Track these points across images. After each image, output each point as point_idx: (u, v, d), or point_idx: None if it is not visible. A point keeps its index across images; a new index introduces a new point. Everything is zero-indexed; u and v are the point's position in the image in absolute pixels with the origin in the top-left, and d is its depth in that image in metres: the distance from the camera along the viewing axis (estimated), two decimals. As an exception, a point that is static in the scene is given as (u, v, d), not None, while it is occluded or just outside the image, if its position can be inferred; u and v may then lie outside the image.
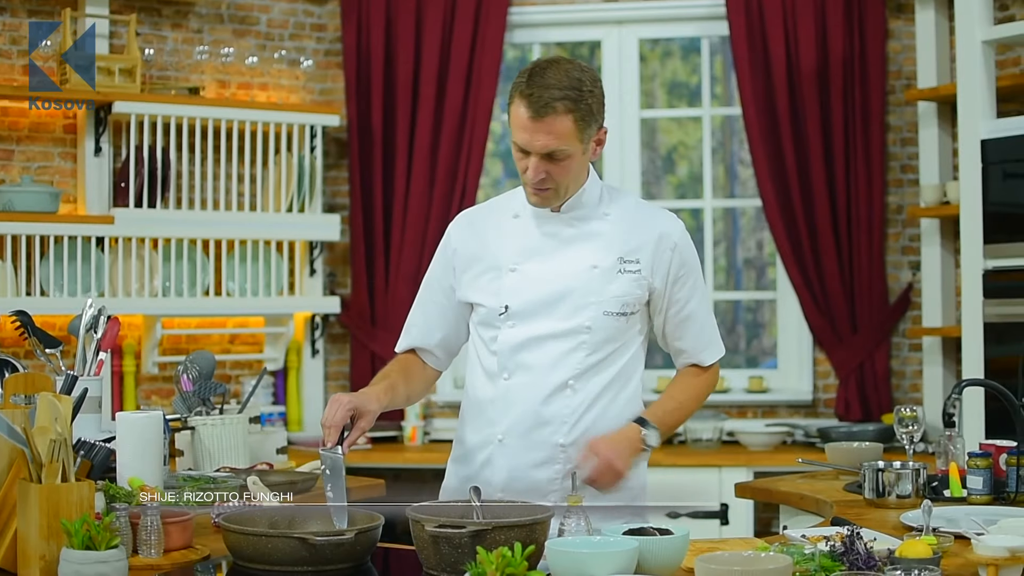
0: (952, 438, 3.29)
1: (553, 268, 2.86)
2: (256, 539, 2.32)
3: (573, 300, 2.83)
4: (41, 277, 4.99)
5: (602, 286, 2.83)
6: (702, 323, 2.95)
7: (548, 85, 2.73)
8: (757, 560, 2.11)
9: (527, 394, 2.83)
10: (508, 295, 2.86)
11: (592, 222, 2.89)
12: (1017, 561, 2.15)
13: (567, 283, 2.84)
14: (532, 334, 2.84)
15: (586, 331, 2.83)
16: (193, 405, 3.54)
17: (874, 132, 5.54)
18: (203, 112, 5.31)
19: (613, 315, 2.84)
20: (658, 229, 2.89)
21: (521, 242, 2.89)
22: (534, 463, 2.83)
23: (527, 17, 5.87)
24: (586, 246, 2.86)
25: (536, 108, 2.72)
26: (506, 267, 2.88)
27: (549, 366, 2.83)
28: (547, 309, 2.84)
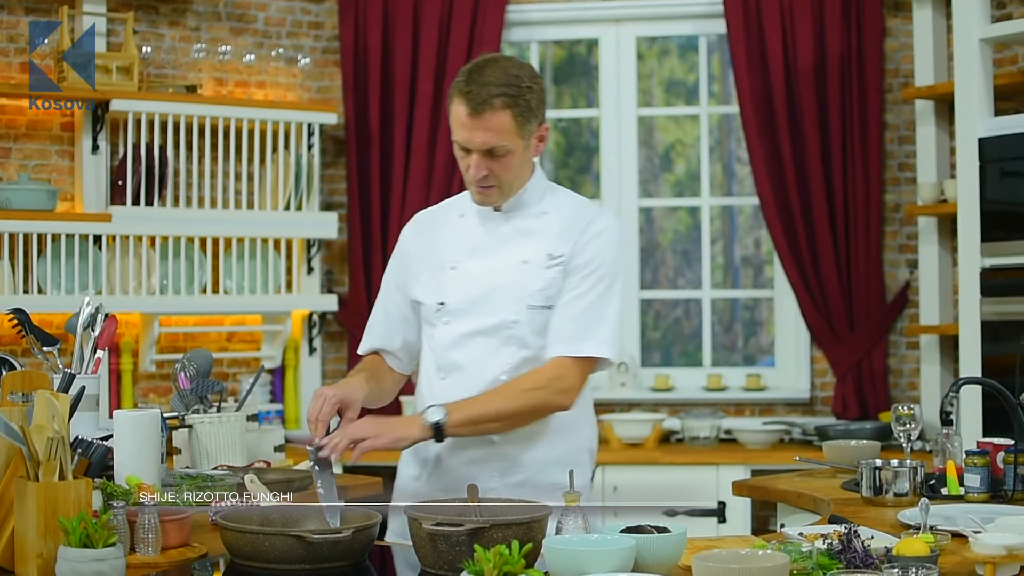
0: (949, 436, 3.29)
1: (488, 265, 2.88)
2: (254, 537, 2.32)
3: (501, 295, 2.85)
4: (38, 275, 4.99)
5: (528, 281, 2.85)
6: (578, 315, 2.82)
7: (486, 83, 2.74)
8: (754, 558, 2.11)
9: (461, 393, 2.83)
10: (445, 291, 2.89)
11: (530, 220, 2.90)
12: (1014, 559, 2.15)
13: (497, 279, 2.86)
14: (463, 331, 2.86)
15: (512, 325, 2.84)
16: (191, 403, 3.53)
17: (872, 130, 5.54)
18: (200, 110, 5.30)
19: (538, 308, 2.84)
20: (584, 223, 2.88)
21: (464, 240, 2.92)
22: (471, 461, 2.85)
23: (524, 15, 5.87)
24: (520, 243, 2.88)
25: (474, 105, 2.73)
26: (447, 265, 2.91)
27: (480, 363, 2.84)
28: (478, 306, 2.86)
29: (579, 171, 6.35)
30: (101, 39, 5.20)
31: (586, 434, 2.99)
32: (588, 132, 6.27)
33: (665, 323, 6.41)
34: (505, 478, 2.85)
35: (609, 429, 5.47)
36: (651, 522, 2.36)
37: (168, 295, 5.23)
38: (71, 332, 3.35)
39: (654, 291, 6.20)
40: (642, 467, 5.27)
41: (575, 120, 6.36)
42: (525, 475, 2.87)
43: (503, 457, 2.86)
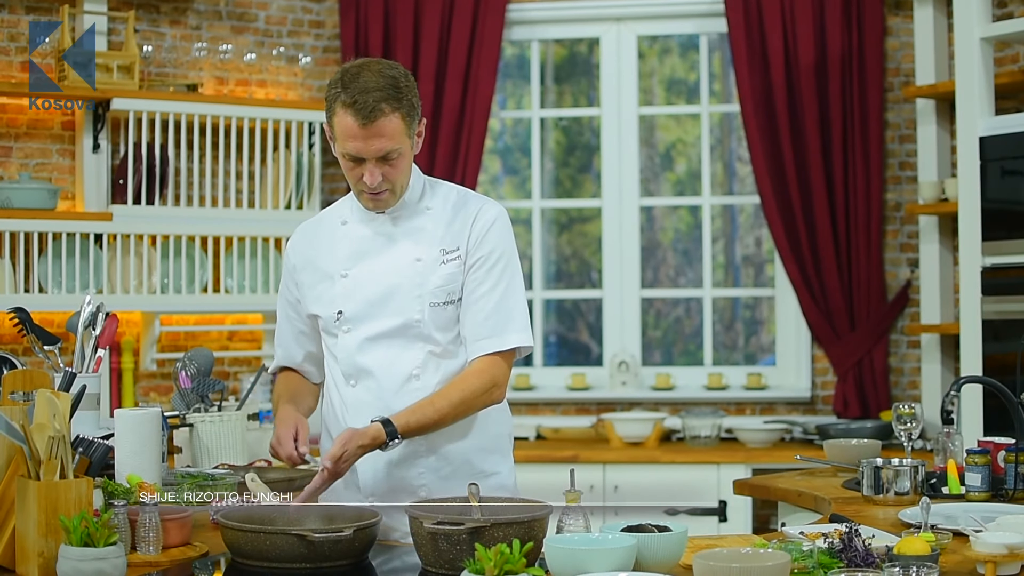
0: (950, 435, 3.30)
1: (380, 268, 2.87)
2: (255, 536, 2.32)
3: (400, 296, 2.84)
4: (39, 274, 4.99)
5: (425, 278, 2.84)
6: (491, 311, 2.84)
7: (367, 89, 2.70)
8: (755, 557, 2.11)
9: (374, 396, 2.84)
10: (341, 300, 2.87)
11: (415, 218, 2.89)
12: (1015, 558, 2.15)
13: (393, 280, 2.85)
14: (367, 335, 2.85)
15: (416, 324, 2.84)
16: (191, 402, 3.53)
17: (872, 129, 5.54)
18: (201, 109, 5.30)
19: (440, 305, 2.84)
20: (473, 213, 2.89)
21: (350, 247, 2.90)
22: (395, 463, 2.84)
23: (525, 14, 5.86)
24: (409, 241, 2.87)
25: (364, 114, 2.69)
26: (338, 274, 2.89)
27: (389, 365, 2.84)
28: (378, 309, 2.85)
29: (580, 170, 6.35)
30: (102, 38, 5.20)
31: (503, 420, 2.99)
32: (589, 131, 6.27)
33: (666, 322, 6.41)
34: (435, 473, 2.85)
35: (610, 428, 5.47)
36: (652, 521, 2.36)
37: (169, 294, 5.23)
38: (72, 331, 3.35)
39: (655, 290, 6.20)
40: (643, 466, 5.26)
41: (576, 119, 6.36)
42: (452, 468, 2.87)
43: (429, 453, 2.86)
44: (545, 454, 5.18)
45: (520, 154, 6.32)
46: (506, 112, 6.23)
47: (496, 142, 6.31)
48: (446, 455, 2.87)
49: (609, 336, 5.91)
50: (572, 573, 2.14)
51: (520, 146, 6.32)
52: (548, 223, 6.24)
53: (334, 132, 2.76)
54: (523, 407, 5.72)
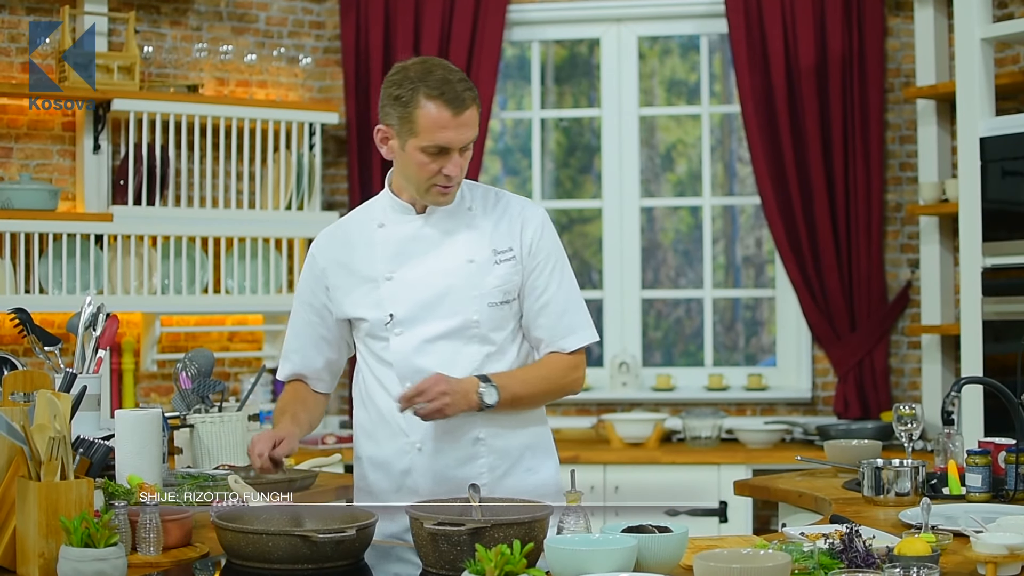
0: (951, 436, 3.30)
1: (429, 269, 2.86)
2: (256, 537, 2.32)
3: (456, 296, 2.85)
4: (40, 275, 4.99)
5: (481, 278, 2.85)
6: (562, 310, 2.91)
7: (449, 80, 2.75)
8: (756, 558, 2.11)
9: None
10: (390, 304, 2.86)
11: (457, 219, 2.90)
12: (1016, 559, 2.15)
13: (447, 281, 2.85)
14: (423, 337, 2.84)
15: (475, 325, 2.85)
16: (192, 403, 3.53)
17: (873, 130, 5.54)
18: (202, 110, 5.31)
19: (497, 304, 2.86)
20: (520, 215, 2.92)
21: (391, 250, 2.89)
22: (457, 462, 2.84)
23: (526, 15, 5.87)
24: (458, 242, 2.88)
25: (456, 103, 2.73)
26: (381, 277, 2.88)
27: (447, 365, 2.83)
28: (431, 310, 2.85)
29: (580, 171, 6.35)
30: (102, 39, 5.20)
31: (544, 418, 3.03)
32: (589, 132, 6.27)
33: (666, 323, 6.41)
34: (492, 472, 2.86)
35: (610, 429, 5.47)
36: (652, 522, 2.36)
37: (169, 295, 5.23)
38: (72, 332, 3.35)
39: (655, 291, 6.20)
40: (643, 467, 5.26)
41: (576, 120, 6.36)
42: (507, 465, 2.88)
43: (489, 452, 2.86)
44: (545, 455, 5.17)
45: (520, 155, 6.33)
46: (506, 113, 6.23)
47: (496, 143, 6.31)
48: (502, 452, 2.88)
49: (609, 337, 5.91)
50: (573, 574, 2.14)
51: (520, 147, 6.32)
52: (548, 224, 6.23)
53: (416, 126, 2.75)
54: (523, 408, 5.71)
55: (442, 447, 2.83)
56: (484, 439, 2.85)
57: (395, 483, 2.87)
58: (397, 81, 2.77)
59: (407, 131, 2.76)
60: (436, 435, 2.82)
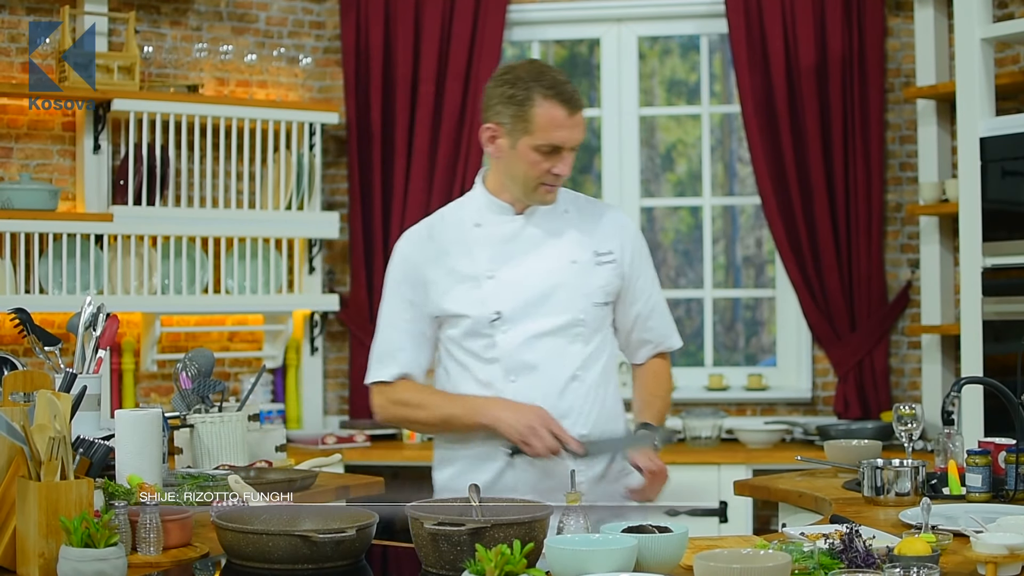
0: (951, 436, 3.30)
1: (532, 268, 2.90)
2: (256, 537, 2.32)
3: (563, 295, 2.90)
4: (40, 275, 4.99)
5: (586, 279, 2.92)
6: (665, 312, 3.09)
7: (562, 81, 2.82)
8: (756, 558, 2.11)
9: (540, 392, 2.86)
10: (494, 301, 2.88)
11: (555, 220, 2.95)
12: (1016, 559, 2.15)
13: (552, 280, 2.90)
14: (530, 334, 2.88)
15: (580, 323, 2.91)
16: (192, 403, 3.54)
17: (873, 130, 5.54)
18: (202, 110, 5.31)
19: (600, 305, 2.94)
20: (619, 222, 3.03)
21: (491, 249, 2.92)
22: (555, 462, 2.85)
23: (526, 15, 5.86)
24: (558, 244, 2.93)
25: (572, 104, 2.80)
26: (483, 275, 2.90)
27: (553, 362, 2.88)
28: (537, 307, 2.88)
29: (580, 171, 6.35)
30: (102, 39, 5.20)
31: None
32: (589, 132, 6.27)
33: (666, 323, 6.40)
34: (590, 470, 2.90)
35: (610, 429, 5.46)
36: (652, 522, 2.36)
37: (169, 295, 5.23)
38: (72, 332, 3.35)
39: (655, 291, 6.19)
40: (643, 467, 5.25)
41: (576, 120, 6.35)
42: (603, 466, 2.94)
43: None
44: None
45: (521, 155, 6.32)
46: (507, 113, 6.22)
47: (497, 143, 6.30)
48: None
49: (610, 337, 5.89)
50: (573, 574, 2.14)
51: (521, 147, 6.31)
52: (549, 224, 6.23)
53: (531, 125, 2.80)
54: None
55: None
56: (587, 435, 2.89)
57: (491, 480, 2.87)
58: (510, 81, 2.82)
59: (520, 129, 2.81)
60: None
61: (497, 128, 2.85)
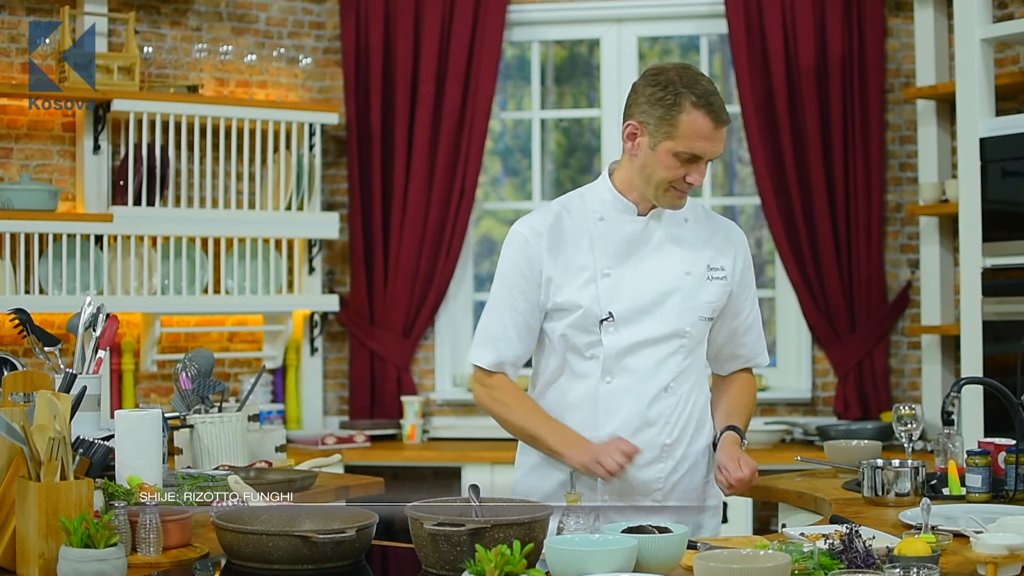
0: (951, 436, 3.30)
1: (648, 273, 2.90)
2: (256, 538, 2.32)
3: (673, 305, 2.90)
4: (40, 275, 4.99)
5: (697, 292, 2.92)
6: (759, 329, 3.11)
7: (712, 92, 2.81)
8: (756, 558, 2.11)
9: (632, 397, 2.87)
10: (608, 301, 2.87)
11: (675, 227, 2.95)
12: (1016, 559, 2.15)
13: (665, 288, 2.90)
14: (636, 339, 2.88)
15: (686, 335, 2.91)
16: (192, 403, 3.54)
17: (873, 130, 5.54)
18: (202, 110, 5.31)
19: (705, 320, 2.95)
20: (733, 237, 3.03)
21: (611, 246, 2.90)
22: (641, 463, 2.87)
23: (526, 15, 5.86)
24: (675, 252, 2.93)
25: (720, 117, 2.81)
26: (599, 272, 2.88)
27: (652, 369, 2.88)
28: (648, 314, 2.89)
29: (580, 171, 6.35)
30: (102, 39, 5.20)
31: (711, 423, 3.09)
32: (589, 132, 6.27)
33: (666, 323, 6.40)
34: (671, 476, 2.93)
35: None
36: (652, 522, 2.36)
37: (169, 295, 5.23)
38: (72, 332, 3.35)
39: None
40: (643, 467, 5.25)
41: (576, 120, 6.36)
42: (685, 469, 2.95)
43: (669, 457, 2.91)
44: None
45: (520, 155, 6.33)
46: (506, 113, 6.23)
47: (496, 143, 6.31)
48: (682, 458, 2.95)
49: (609, 337, 5.90)
50: (573, 574, 2.14)
51: (520, 147, 6.32)
52: (548, 224, 6.23)
53: (676, 130, 2.80)
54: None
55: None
56: (670, 445, 2.91)
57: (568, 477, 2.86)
58: (662, 83, 2.81)
59: (663, 133, 2.81)
60: (627, 433, 2.85)
61: (640, 127, 2.84)
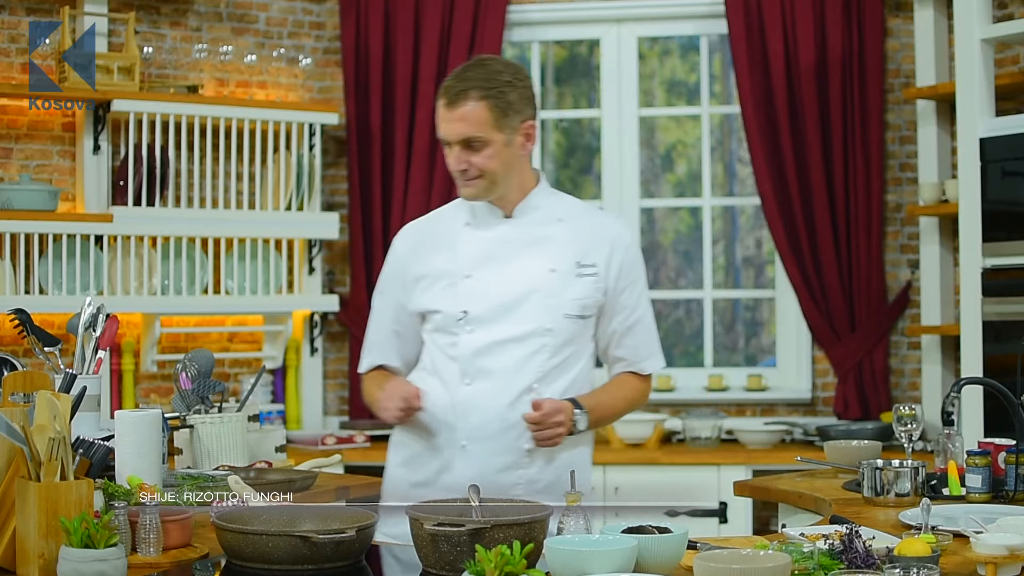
0: (951, 436, 3.29)
1: (510, 273, 2.88)
2: (256, 538, 2.32)
3: (533, 303, 2.86)
4: (40, 275, 4.99)
5: (561, 289, 2.87)
6: (646, 332, 2.99)
7: (465, 78, 2.82)
8: (756, 558, 2.11)
9: (491, 399, 2.84)
10: (465, 301, 2.88)
11: (545, 227, 2.92)
12: (1016, 559, 2.15)
13: (526, 287, 2.87)
14: (493, 339, 2.86)
15: (547, 333, 2.86)
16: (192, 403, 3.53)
17: (873, 130, 5.54)
18: (202, 110, 5.31)
19: (573, 318, 2.88)
20: (611, 234, 2.95)
21: (474, 248, 2.91)
22: (500, 467, 2.85)
23: (526, 15, 5.86)
24: (542, 250, 2.89)
25: (450, 97, 2.81)
26: (461, 274, 2.90)
27: (512, 370, 2.85)
28: (507, 313, 2.86)
29: (580, 171, 6.35)
30: (102, 39, 5.20)
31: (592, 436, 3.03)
32: (589, 132, 6.27)
33: (666, 323, 6.41)
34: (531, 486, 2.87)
35: (610, 429, 5.47)
36: (652, 522, 2.36)
37: (169, 295, 5.23)
38: (72, 332, 3.35)
39: (655, 291, 6.20)
40: (643, 467, 5.26)
41: (576, 120, 6.36)
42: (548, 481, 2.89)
43: (532, 464, 2.88)
44: (545, 455, 5.17)
45: (520, 155, 6.31)
46: (506, 113, 6.21)
47: (496, 143, 6.30)
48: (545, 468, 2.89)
49: (609, 337, 5.90)
50: (573, 574, 2.14)
51: (520, 147, 6.31)
52: (548, 224, 6.23)
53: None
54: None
55: (488, 449, 2.84)
56: (532, 451, 2.86)
57: (432, 476, 2.88)
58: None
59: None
60: (485, 436, 2.84)
61: None
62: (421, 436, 2.92)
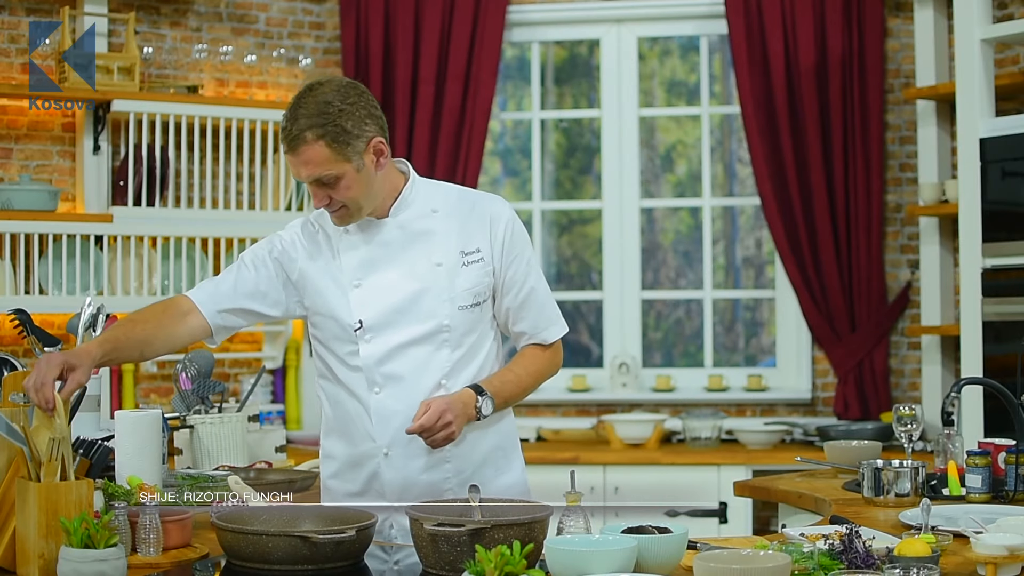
0: (951, 436, 3.30)
1: (397, 275, 2.85)
2: (256, 538, 2.32)
3: (427, 301, 2.84)
4: (40, 276, 4.99)
5: (451, 282, 2.85)
6: (542, 302, 2.95)
7: (297, 117, 2.74)
8: (756, 558, 2.11)
9: (403, 404, 2.81)
10: (359, 310, 2.84)
11: (422, 222, 2.88)
12: (1015, 559, 2.15)
13: (416, 286, 2.84)
14: (393, 344, 2.83)
15: (446, 329, 2.84)
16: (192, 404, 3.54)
17: (873, 131, 5.54)
18: (202, 111, 5.30)
19: (467, 308, 2.86)
20: (487, 213, 2.91)
21: (358, 256, 2.87)
22: (424, 468, 2.83)
23: (526, 16, 5.87)
24: (424, 246, 2.86)
25: (288, 143, 2.75)
26: (349, 283, 2.86)
27: (418, 371, 2.83)
28: (402, 316, 2.83)
29: (580, 172, 6.35)
30: (102, 39, 5.20)
31: (511, 419, 3.03)
32: (589, 132, 6.27)
33: (666, 323, 6.41)
34: (458, 476, 2.85)
35: (610, 429, 5.47)
36: (652, 522, 2.36)
37: (169, 295, 5.22)
38: (72, 333, 3.35)
39: (655, 291, 6.20)
40: (643, 467, 5.26)
41: (576, 120, 6.36)
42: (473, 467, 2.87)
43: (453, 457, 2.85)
44: (546, 455, 5.17)
45: (520, 156, 6.33)
46: (506, 114, 6.23)
47: (496, 144, 6.31)
48: (468, 456, 2.87)
49: (609, 338, 5.91)
50: (573, 574, 2.14)
51: (520, 148, 6.32)
52: (548, 225, 6.24)
53: None
54: (523, 408, 5.71)
55: (409, 452, 2.82)
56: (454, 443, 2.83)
57: (363, 485, 2.86)
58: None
59: None
60: (404, 441, 2.80)
61: None
62: (348, 446, 2.90)
